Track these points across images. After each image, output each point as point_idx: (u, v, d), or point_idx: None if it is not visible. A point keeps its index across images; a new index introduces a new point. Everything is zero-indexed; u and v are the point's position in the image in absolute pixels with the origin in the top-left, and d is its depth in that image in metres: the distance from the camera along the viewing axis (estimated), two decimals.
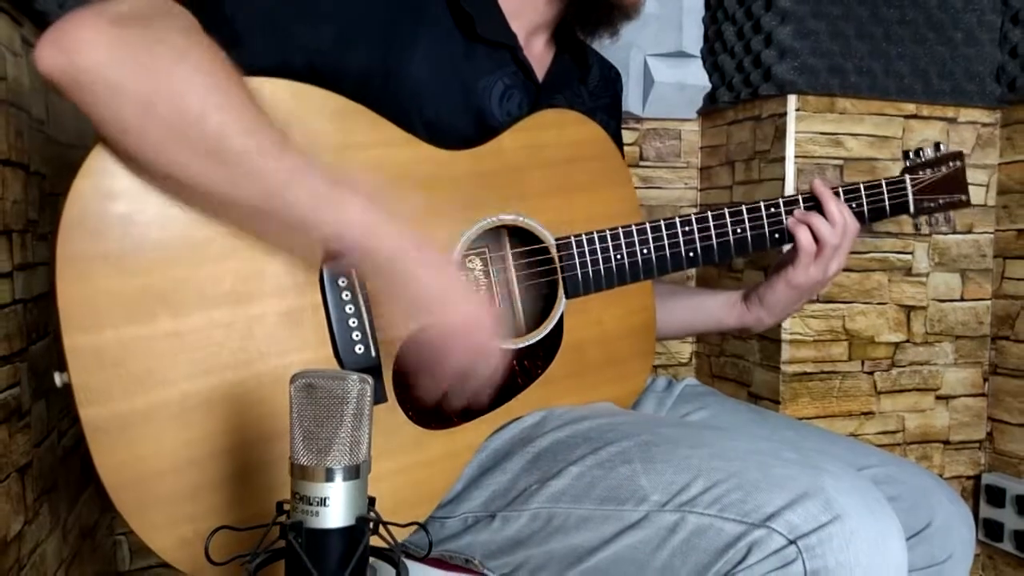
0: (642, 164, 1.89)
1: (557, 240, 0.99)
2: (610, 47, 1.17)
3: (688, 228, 1.04)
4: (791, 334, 1.67)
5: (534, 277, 1.00)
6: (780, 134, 1.65)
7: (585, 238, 1.00)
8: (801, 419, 1.62)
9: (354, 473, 0.62)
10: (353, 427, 0.62)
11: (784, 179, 1.64)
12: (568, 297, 1.00)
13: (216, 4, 0.83)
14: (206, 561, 0.66)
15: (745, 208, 1.06)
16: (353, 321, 0.85)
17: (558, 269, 0.99)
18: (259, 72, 0.81)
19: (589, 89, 1.15)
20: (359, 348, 0.86)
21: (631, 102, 1.82)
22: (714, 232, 1.05)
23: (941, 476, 1.66)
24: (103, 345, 0.75)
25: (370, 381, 0.63)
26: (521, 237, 1.00)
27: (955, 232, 1.76)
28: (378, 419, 0.83)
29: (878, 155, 1.69)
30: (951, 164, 1.16)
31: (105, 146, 0.76)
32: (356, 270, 0.84)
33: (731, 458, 0.81)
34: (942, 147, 1.16)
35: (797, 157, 1.64)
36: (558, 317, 0.99)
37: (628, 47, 1.77)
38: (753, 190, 1.74)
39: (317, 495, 0.61)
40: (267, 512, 0.66)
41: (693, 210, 1.93)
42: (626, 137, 1.83)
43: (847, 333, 1.71)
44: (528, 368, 0.97)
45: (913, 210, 1.15)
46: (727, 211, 1.06)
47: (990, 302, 1.80)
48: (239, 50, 0.78)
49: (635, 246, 1.02)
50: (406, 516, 0.77)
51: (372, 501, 0.65)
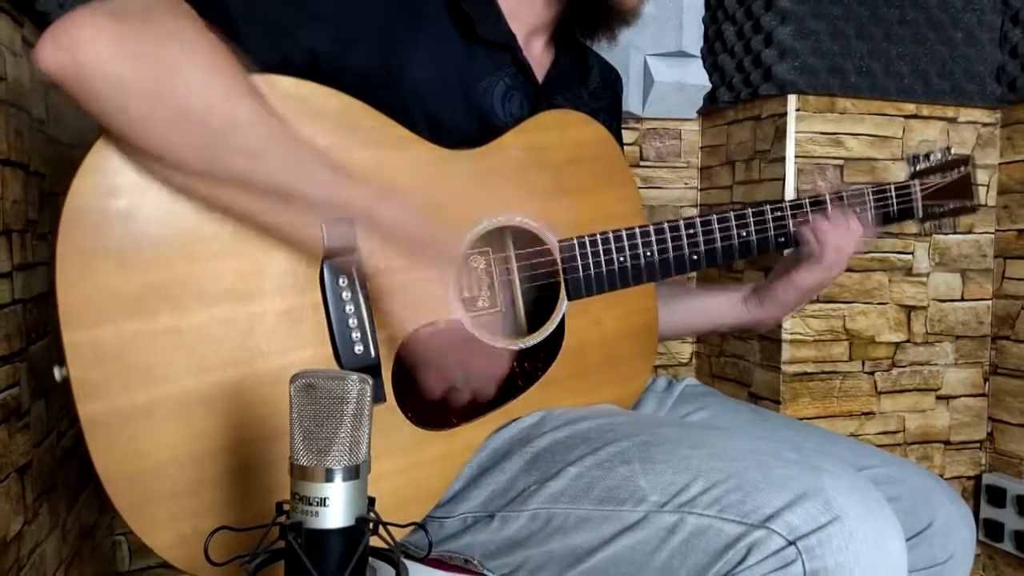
0: (642, 164, 1.89)
1: (560, 242, 0.99)
2: (609, 48, 1.17)
3: (692, 231, 1.04)
4: (791, 334, 1.67)
5: (536, 278, 0.99)
6: (780, 134, 1.65)
7: (588, 240, 0.99)
8: (801, 419, 1.62)
9: (354, 473, 0.62)
10: (353, 427, 0.62)
11: (784, 179, 1.64)
12: (570, 299, 1.00)
13: (217, 1, 0.83)
14: (205, 561, 0.66)
15: (750, 211, 1.06)
16: (353, 321, 0.85)
17: (560, 271, 0.99)
18: (259, 69, 0.81)
19: (589, 91, 1.15)
20: (358, 348, 0.86)
21: (631, 102, 1.82)
22: (718, 235, 1.05)
23: (942, 476, 1.66)
24: (103, 340, 0.75)
25: (370, 381, 0.63)
26: (524, 237, 0.99)
27: (956, 232, 1.76)
28: (377, 419, 0.83)
29: (878, 155, 1.69)
30: (960, 169, 1.15)
31: (106, 143, 0.76)
32: (366, 261, 0.84)
33: (730, 458, 0.81)
34: (951, 151, 1.15)
35: (797, 157, 1.64)
36: (560, 318, 0.99)
37: (628, 47, 1.77)
38: (753, 190, 1.74)
39: (317, 495, 0.61)
40: (267, 512, 0.66)
41: (693, 210, 1.93)
42: (626, 137, 1.83)
43: (848, 333, 1.71)
44: (529, 370, 0.97)
45: (921, 216, 1.15)
46: (732, 214, 1.05)
47: (990, 302, 1.80)
48: (239, 47, 0.78)
49: (638, 248, 1.02)
50: (406, 516, 0.77)
51: (372, 501, 0.65)
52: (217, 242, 0.80)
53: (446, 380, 0.88)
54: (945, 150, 1.15)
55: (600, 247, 1.00)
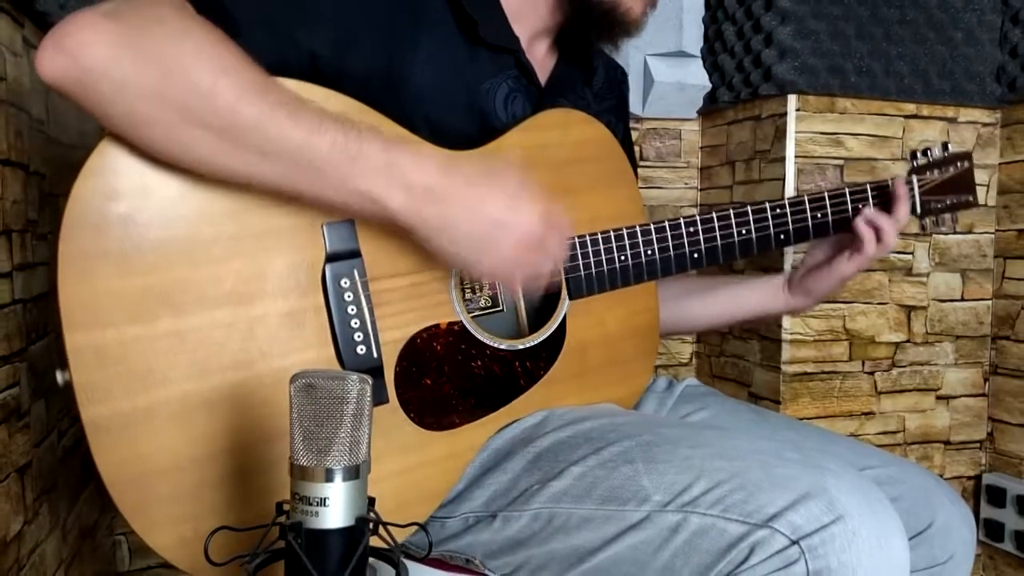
0: (642, 164, 1.89)
1: None
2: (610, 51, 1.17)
3: (693, 229, 1.04)
4: (791, 334, 1.67)
5: None
6: (780, 134, 1.65)
7: (589, 239, 0.99)
8: (802, 419, 1.62)
9: (354, 473, 0.62)
10: (353, 427, 0.62)
11: (784, 179, 1.64)
12: (572, 298, 1.00)
13: (218, 2, 0.83)
14: (205, 561, 0.66)
15: (750, 209, 1.06)
16: (355, 322, 0.85)
17: (561, 270, 0.99)
18: None
19: (594, 91, 1.15)
20: (361, 349, 0.86)
21: (631, 102, 1.81)
22: (719, 233, 1.05)
23: (942, 476, 1.66)
24: (104, 344, 0.76)
25: (370, 381, 0.63)
26: None
27: (955, 232, 1.76)
28: (380, 420, 0.83)
29: (878, 155, 1.69)
30: (959, 164, 1.15)
31: (108, 145, 0.76)
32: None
33: (733, 458, 0.81)
34: (950, 147, 1.15)
35: (797, 157, 1.64)
36: (561, 318, 0.99)
37: (628, 47, 1.77)
38: (753, 190, 1.74)
39: (317, 495, 0.61)
40: (267, 512, 0.66)
41: (693, 210, 1.93)
42: None
43: (848, 333, 1.71)
44: (531, 369, 0.97)
45: (920, 211, 1.15)
46: (732, 212, 1.05)
47: (990, 302, 1.80)
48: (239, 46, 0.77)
49: (639, 247, 1.02)
50: (409, 517, 0.77)
51: (372, 501, 0.65)
52: (218, 245, 0.80)
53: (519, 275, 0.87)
54: (943, 146, 1.15)
55: (601, 246, 1.00)
